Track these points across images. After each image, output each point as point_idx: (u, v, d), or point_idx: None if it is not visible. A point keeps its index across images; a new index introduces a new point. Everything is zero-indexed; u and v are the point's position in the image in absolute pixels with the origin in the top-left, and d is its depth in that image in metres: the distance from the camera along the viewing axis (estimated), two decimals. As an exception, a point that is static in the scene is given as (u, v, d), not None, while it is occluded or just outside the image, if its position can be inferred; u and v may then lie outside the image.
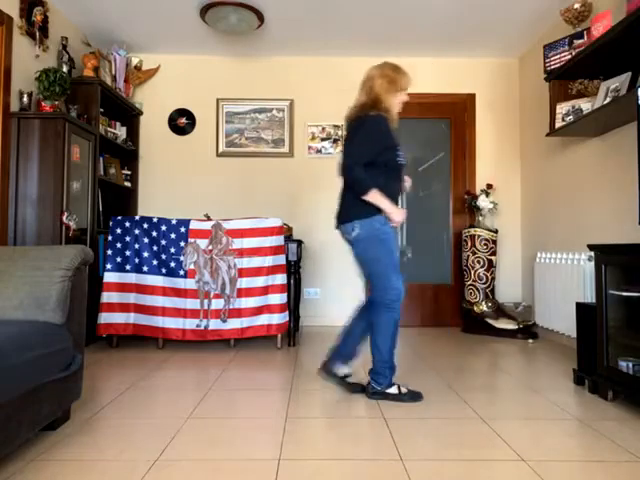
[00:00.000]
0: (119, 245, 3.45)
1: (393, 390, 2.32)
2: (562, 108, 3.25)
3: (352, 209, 2.32)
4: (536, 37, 4.16)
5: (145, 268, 3.43)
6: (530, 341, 3.85)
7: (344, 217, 2.35)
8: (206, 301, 3.41)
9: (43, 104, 3.26)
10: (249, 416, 2.10)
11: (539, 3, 3.61)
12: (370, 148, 2.25)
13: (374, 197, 2.24)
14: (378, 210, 2.26)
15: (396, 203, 2.35)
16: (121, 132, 4.31)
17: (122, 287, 3.42)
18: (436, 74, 4.62)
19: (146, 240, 3.44)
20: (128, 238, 3.45)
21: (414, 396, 2.31)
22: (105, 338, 3.56)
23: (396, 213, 2.27)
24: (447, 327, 4.51)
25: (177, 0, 3.62)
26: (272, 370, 2.90)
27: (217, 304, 3.41)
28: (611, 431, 1.92)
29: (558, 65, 3.24)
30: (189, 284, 3.41)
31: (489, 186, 4.32)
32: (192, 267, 3.41)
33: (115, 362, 3.07)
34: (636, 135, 2.78)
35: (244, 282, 3.41)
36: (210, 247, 3.42)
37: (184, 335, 3.38)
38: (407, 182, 2.54)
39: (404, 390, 2.33)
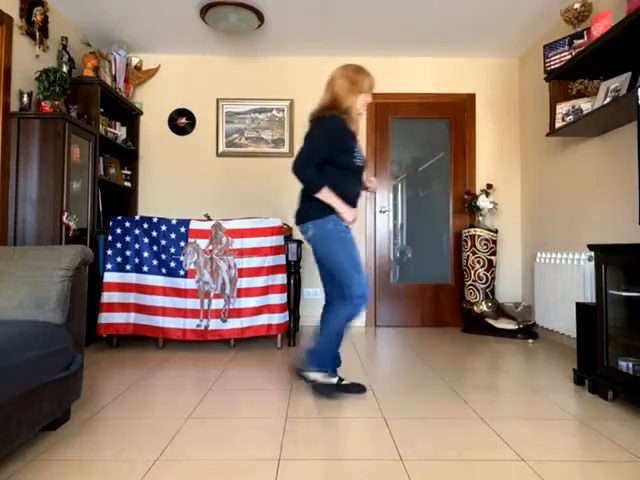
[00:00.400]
0: (119, 245, 3.45)
1: (319, 377, 2.35)
2: (562, 108, 3.25)
3: (307, 210, 2.35)
4: (536, 37, 4.16)
5: (145, 268, 3.43)
6: (530, 341, 3.85)
7: (300, 217, 2.39)
8: (206, 301, 3.41)
9: (43, 104, 3.26)
10: (249, 416, 2.10)
11: (539, 3, 3.61)
12: (323, 148, 2.28)
13: (325, 195, 2.27)
14: (332, 210, 2.29)
15: (354, 204, 2.38)
16: (121, 132, 4.31)
17: (122, 287, 3.42)
18: (436, 74, 4.62)
19: (146, 240, 3.45)
20: (128, 238, 3.45)
21: (330, 391, 2.33)
22: (105, 338, 3.56)
23: (347, 213, 2.30)
24: (447, 327, 4.51)
25: (177, 0, 3.62)
26: (272, 370, 2.90)
27: (217, 304, 3.41)
28: (611, 431, 1.92)
29: (558, 65, 3.24)
30: (189, 284, 3.41)
31: (489, 186, 4.32)
32: (192, 267, 3.41)
33: (115, 362, 3.07)
34: (636, 135, 2.78)
35: (244, 282, 3.41)
36: (210, 247, 3.42)
37: (184, 335, 3.38)
38: (371, 183, 2.52)
39: (329, 380, 2.35)
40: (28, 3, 3.32)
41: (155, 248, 3.44)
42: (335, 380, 2.38)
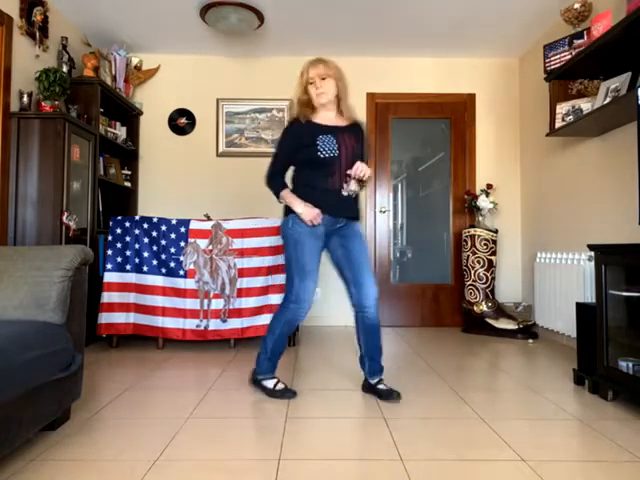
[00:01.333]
0: (119, 245, 3.45)
1: (269, 384, 2.36)
2: (562, 108, 3.25)
3: (284, 210, 2.41)
4: (536, 37, 4.16)
5: (145, 268, 3.43)
6: (530, 341, 3.85)
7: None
8: (206, 301, 3.41)
9: (43, 104, 3.26)
10: (249, 416, 2.10)
11: (539, 3, 3.61)
12: (281, 153, 2.37)
13: (285, 199, 2.31)
14: (292, 210, 2.30)
15: (328, 196, 2.25)
16: (121, 132, 4.30)
17: (122, 287, 3.42)
18: (436, 74, 4.62)
19: (146, 240, 3.44)
20: (128, 238, 3.45)
21: (285, 393, 2.34)
22: (105, 338, 3.56)
23: (305, 213, 2.23)
24: (447, 327, 4.51)
25: (177, 0, 3.62)
26: (272, 370, 2.89)
27: (217, 304, 3.41)
28: (611, 431, 1.92)
29: (558, 65, 3.24)
30: (189, 284, 3.41)
31: (489, 186, 4.32)
32: (192, 267, 3.41)
33: (115, 362, 3.07)
34: (636, 135, 2.77)
35: (244, 282, 3.41)
36: (210, 247, 3.42)
37: (184, 335, 3.38)
38: (353, 170, 2.22)
39: (280, 386, 2.37)
40: (28, 3, 3.32)
41: (155, 248, 3.44)
42: (273, 383, 2.37)
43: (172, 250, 3.42)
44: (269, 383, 2.37)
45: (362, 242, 2.39)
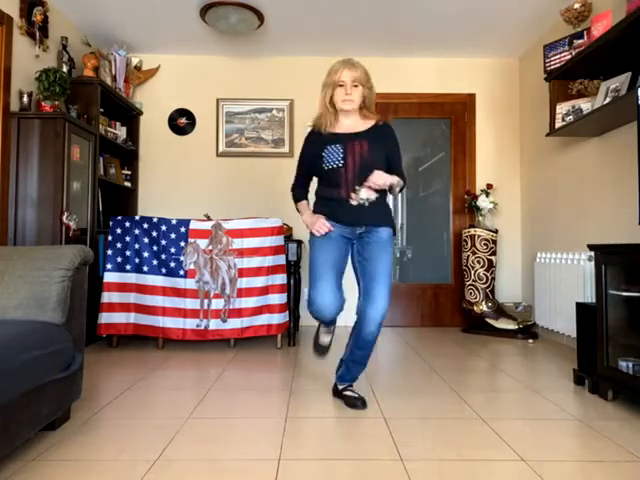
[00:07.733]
0: (119, 245, 3.45)
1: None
2: (562, 108, 3.25)
3: None
4: (536, 37, 4.16)
5: (145, 268, 3.43)
6: (530, 341, 3.85)
7: None
8: (206, 301, 3.41)
9: (43, 104, 3.26)
10: (249, 416, 2.10)
11: (539, 3, 3.61)
12: (298, 167, 2.39)
13: (298, 210, 2.37)
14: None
15: (339, 207, 2.18)
16: (121, 132, 4.30)
17: (122, 287, 3.42)
18: (436, 74, 4.62)
19: (146, 240, 3.44)
20: (128, 238, 3.45)
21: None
22: (105, 338, 3.56)
23: (309, 223, 2.24)
24: (447, 327, 4.51)
25: (177, 0, 3.62)
26: (272, 370, 2.90)
27: (217, 304, 3.41)
28: (611, 431, 1.92)
29: (558, 65, 3.24)
30: (189, 284, 3.41)
31: (489, 186, 4.32)
32: (192, 267, 3.41)
33: (115, 362, 3.07)
34: (636, 135, 2.77)
35: (244, 282, 3.41)
36: (210, 247, 3.42)
37: (184, 335, 3.38)
38: (356, 193, 2.12)
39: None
40: (28, 3, 3.32)
41: (155, 248, 3.44)
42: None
43: (172, 250, 3.42)
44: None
45: (382, 250, 2.19)
